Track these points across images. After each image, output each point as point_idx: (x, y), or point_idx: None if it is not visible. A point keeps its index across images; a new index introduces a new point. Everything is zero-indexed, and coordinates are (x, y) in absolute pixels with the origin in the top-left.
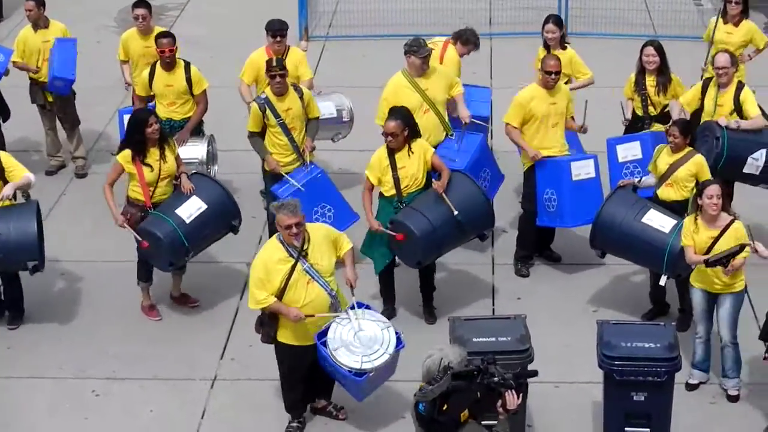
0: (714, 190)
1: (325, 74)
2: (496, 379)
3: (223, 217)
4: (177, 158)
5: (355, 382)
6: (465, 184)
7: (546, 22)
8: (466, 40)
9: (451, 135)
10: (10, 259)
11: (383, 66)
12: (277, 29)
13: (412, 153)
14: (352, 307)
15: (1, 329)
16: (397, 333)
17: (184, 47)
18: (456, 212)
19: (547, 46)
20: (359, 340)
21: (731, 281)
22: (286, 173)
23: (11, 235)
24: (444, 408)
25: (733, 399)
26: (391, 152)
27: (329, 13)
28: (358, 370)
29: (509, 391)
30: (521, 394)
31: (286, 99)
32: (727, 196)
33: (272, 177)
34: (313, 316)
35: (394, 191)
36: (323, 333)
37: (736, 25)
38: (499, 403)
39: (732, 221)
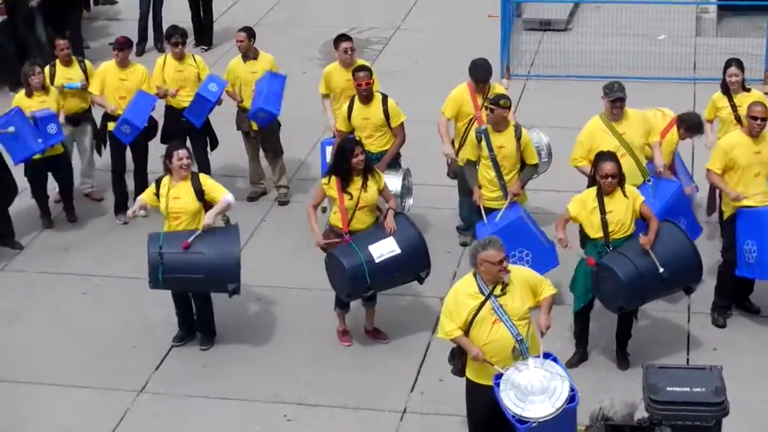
0: None
1: (525, 112)
2: None
3: (413, 265)
4: (386, 191)
5: (519, 428)
6: (676, 236)
7: (728, 65)
8: (691, 126)
9: (648, 181)
10: (211, 280)
11: (583, 107)
12: (478, 79)
13: (622, 198)
14: (537, 356)
15: (195, 349)
16: (573, 390)
17: (386, 81)
18: (661, 269)
19: (726, 90)
20: (531, 387)
21: None
22: (490, 209)
23: (214, 257)
24: None
25: None
26: (600, 195)
27: (531, 52)
28: (520, 417)
29: None
30: None
31: (503, 136)
32: None
33: (477, 212)
34: (492, 365)
35: (600, 234)
36: (501, 374)
37: None
38: None
39: None
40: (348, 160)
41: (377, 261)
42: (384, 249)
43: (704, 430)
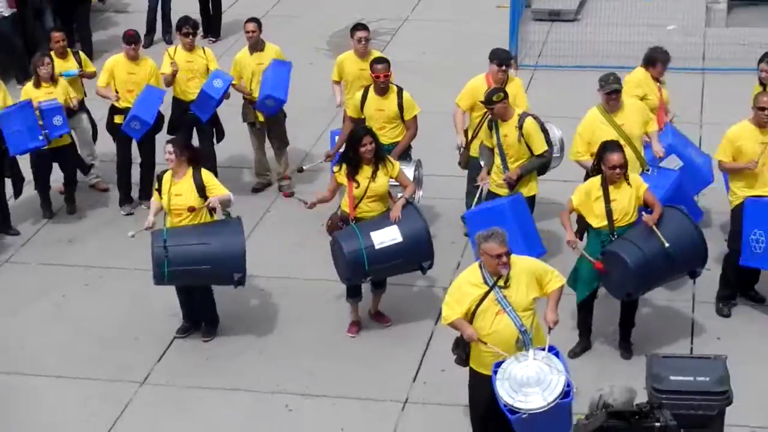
0: None
1: (533, 103)
2: (657, 424)
3: (414, 255)
4: (402, 178)
5: (510, 419)
6: (679, 220)
7: (761, 60)
8: (651, 59)
9: (647, 170)
10: (216, 271)
11: (591, 97)
12: (503, 59)
13: (626, 187)
14: (539, 348)
15: (197, 340)
16: (569, 386)
17: (394, 71)
18: (667, 245)
19: (762, 84)
20: (527, 379)
21: None
22: (495, 195)
23: (219, 247)
24: None
25: None
26: (605, 184)
27: (540, 42)
28: (511, 407)
29: None
30: None
31: (508, 125)
32: None
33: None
34: (485, 344)
35: (605, 223)
36: (500, 363)
37: None
38: None
39: None
40: (356, 149)
41: (377, 248)
42: (386, 237)
43: (708, 419)
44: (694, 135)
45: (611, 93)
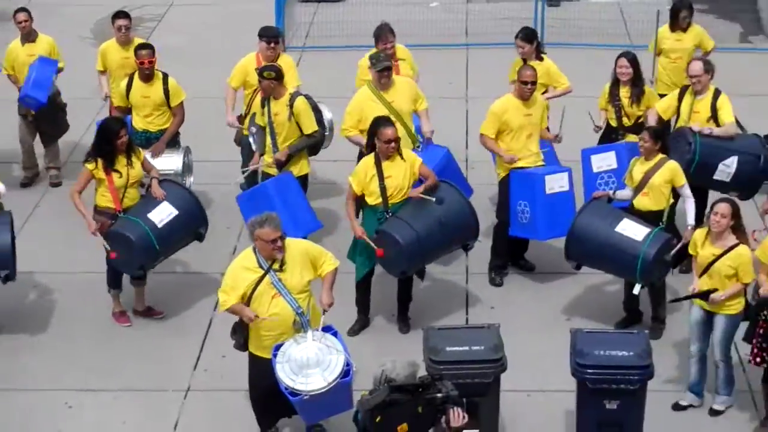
0: (721, 208)
1: (302, 84)
2: (439, 395)
3: (191, 224)
4: (146, 163)
5: (291, 401)
6: (450, 194)
7: (516, 36)
8: (374, 37)
9: (418, 146)
10: None
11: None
12: (271, 35)
13: (400, 162)
14: (317, 329)
15: None
16: (348, 365)
17: (161, 58)
18: (433, 199)
19: (524, 59)
20: (306, 360)
21: (728, 302)
22: (268, 174)
23: None
24: (377, 420)
25: (715, 413)
26: (378, 161)
27: (306, 23)
28: (292, 390)
29: (454, 408)
30: (463, 413)
31: (279, 103)
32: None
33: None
34: (266, 318)
35: (380, 200)
36: (280, 346)
37: (685, 30)
38: (443, 419)
39: (737, 245)
40: (112, 142)
41: (160, 227)
42: (162, 213)
43: (484, 386)
44: (461, 110)
45: (383, 70)
